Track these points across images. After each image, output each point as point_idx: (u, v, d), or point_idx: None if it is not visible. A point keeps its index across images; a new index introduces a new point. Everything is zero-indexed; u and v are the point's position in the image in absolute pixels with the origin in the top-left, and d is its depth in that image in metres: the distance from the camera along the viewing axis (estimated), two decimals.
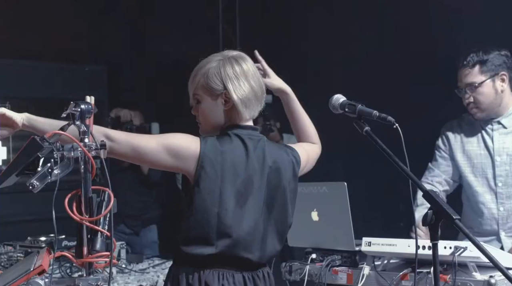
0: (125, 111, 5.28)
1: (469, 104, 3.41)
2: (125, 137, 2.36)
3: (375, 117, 2.32)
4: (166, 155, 2.35)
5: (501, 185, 3.41)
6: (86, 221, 2.08)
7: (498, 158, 3.42)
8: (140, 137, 2.40)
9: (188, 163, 2.36)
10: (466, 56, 3.40)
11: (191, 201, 2.37)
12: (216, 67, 2.43)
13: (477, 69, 3.37)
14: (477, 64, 3.36)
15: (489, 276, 2.76)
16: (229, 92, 2.42)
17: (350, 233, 3.13)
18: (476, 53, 3.38)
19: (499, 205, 3.41)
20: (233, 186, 2.38)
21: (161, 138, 2.40)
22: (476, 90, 3.36)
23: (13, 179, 2.09)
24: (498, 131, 3.43)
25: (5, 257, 3.96)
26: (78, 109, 2.08)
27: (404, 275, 2.93)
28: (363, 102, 2.40)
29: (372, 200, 6.23)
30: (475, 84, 3.36)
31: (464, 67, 3.39)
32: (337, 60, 5.68)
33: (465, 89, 3.40)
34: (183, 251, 2.40)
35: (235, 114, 2.45)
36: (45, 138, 2.04)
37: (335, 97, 2.45)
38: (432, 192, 2.17)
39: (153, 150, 2.34)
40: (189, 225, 2.38)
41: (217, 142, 2.39)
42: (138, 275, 4.03)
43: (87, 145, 2.08)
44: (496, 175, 3.41)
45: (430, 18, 5.22)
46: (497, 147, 3.42)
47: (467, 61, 3.38)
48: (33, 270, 2.05)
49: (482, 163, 3.45)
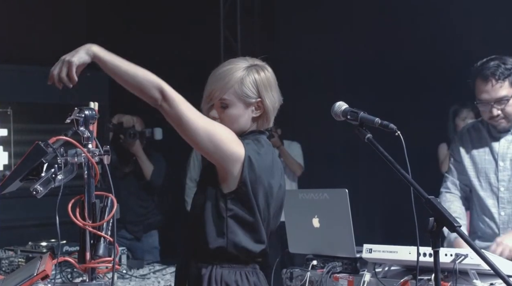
0: (127, 117, 5.29)
1: (496, 117, 3.36)
2: (178, 102, 2.30)
3: (377, 125, 2.32)
4: (208, 141, 2.34)
5: (503, 189, 3.42)
6: (89, 227, 2.09)
7: (502, 163, 3.43)
8: (193, 111, 2.34)
9: (230, 162, 2.38)
10: (492, 69, 3.31)
11: (246, 200, 2.41)
12: (251, 75, 2.46)
13: (508, 83, 3.31)
14: (507, 77, 3.31)
15: (490, 284, 2.77)
16: (263, 100, 2.48)
17: (351, 240, 3.14)
18: (502, 66, 3.31)
19: (501, 210, 3.43)
20: (265, 187, 2.45)
21: (211, 123, 2.39)
22: (508, 103, 3.33)
23: (17, 184, 2.10)
24: (506, 138, 3.44)
25: (6, 262, 3.96)
26: (82, 115, 2.10)
27: (405, 282, 2.93)
28: (364, 109, 2.41)
29: (373, 207, 6.24)
30: (506, 98, 3.32)
31: (493, 81, 3.31)
32: (340, 65, 5.68)
33: (494, 103, 3.33)
34: (247, 248, 2.43)
35: (263, 121, 2.52)
36: (49, 144, 2.06)
37: (337, 105, 2.46)
38: (433, 199, 2.18)
39: (198, 128, 2.32)
40: (247, 221, 2.42)
41: (255, 145, 2.45)
42: (139, 281, 4.03)
43: (90, 151, 2.09)
44: (499, 179, 3.43)
45: (434, 23, 5.22)
46: (501, 152, 3.44)
47: (498, 75, 3.30)
48: (36, 275, 2.06)
49: (486, 168, 3.47)
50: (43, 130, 5.37)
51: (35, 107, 5.56)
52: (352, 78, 5.83)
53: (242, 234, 2.43)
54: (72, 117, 2.10)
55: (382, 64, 5.63)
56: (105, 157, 2.10)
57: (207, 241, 2.42)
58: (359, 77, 5.81)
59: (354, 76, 5.84)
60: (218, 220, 2.42)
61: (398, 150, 2.29)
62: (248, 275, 2.47)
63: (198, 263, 2.47)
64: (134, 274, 4.16)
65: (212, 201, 2.42)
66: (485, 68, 3.35)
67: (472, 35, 4.75)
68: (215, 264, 2.45)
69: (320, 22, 6.10)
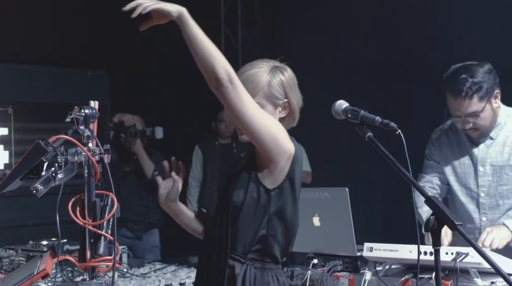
0: (128, 116, 5.30)
1: (469, 129, 3.34)
2: (241, 88, 2.32)
3: (378, 123, 2.32)
4: (265, 132, 2.37)
5: (483, 195, 3.40)
6: (90, 225, 2.08)
7: (481, 168, 3.40)
8: (252, 100, 2.36)
9: (282, 156, 2.41)
10: (459, 86, 3.26)
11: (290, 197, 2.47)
12: (277, 77, 2.50)
13: (476, 99, 3.26)
14: (475, 93, 3.25)
15: (491, 282, 2.77)
16: (289, 100, 2.52)
17: (352, 238, 3.14)
18: (469, 80, 3.24)
19: (482, 215, 3.40)
20: (300, 185, 2.55)
21: (268, 116, 2.43)
22: (479, 117, 3.30)
23: (17, 183, 2.10)
24: (484, 143, 3.41)
25: (7, 261, 3.96)
26: (83, 114, 2.10)
27: (406, 280, 2.93)
28: (365, 108, 2.40)
29: (373, 205, 6.24)
30: (477, 113, 3.28)
31: (461, 98, 3.26)
32: (340, 64, 5.68)
33: (465, 118, 3.31)
34: (281, 248, 2.48)
35: (289, 121, 2.58)
36: (49, 143, 2.06)
37: (338, 103, 2.46)
38: (434, 198, 2.17)
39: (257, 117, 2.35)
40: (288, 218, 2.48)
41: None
42: (140, 280, 4.03)
43: (91, 150, 2.09)
44: (479, 185, 3.40)
45: (434, 23, 5.22)
46: (481, 157, 3.40)
47: (465, 92, 3.24)
48: (36, 274, 2.06)
49: (465, 173, 3.44)
50: (43, 130, 5.37)
51: (36, 106, 5.57)
52: (352, 77, 5.83)
53: (280, 232, 2.48)
54: (72, 116, 2.10)
55: (382, 64, 5.62)
56: (106, 155, 2.10)
57: (246, 239, 2.44)
58: (359, 76, 5.81)
59: (355, 75, 5.84)
60: (260, 217, 2.44)
61: (398, 149, 2.28)
62: (278, 276, 2.51)
63: (232, 261, 2.47)
64: (134, 272, 4.16)
65: (254, 197, 2.44)
66: (454, 83, 3.29)
67: (472, 35, 4.75)
68: (249, 264, 2.46)
69: (320, 22, 6.10)
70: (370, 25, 5.77)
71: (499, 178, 3.37)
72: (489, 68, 3.33)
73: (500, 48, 4.66)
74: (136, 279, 4.04)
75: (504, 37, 4.75)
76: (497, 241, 3.13)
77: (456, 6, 5.09)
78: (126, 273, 4.08)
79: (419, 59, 5.36)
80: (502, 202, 3.37)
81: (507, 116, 3.40)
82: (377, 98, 5.26)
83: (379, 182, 5.93)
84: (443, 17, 5.19)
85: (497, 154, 3.38)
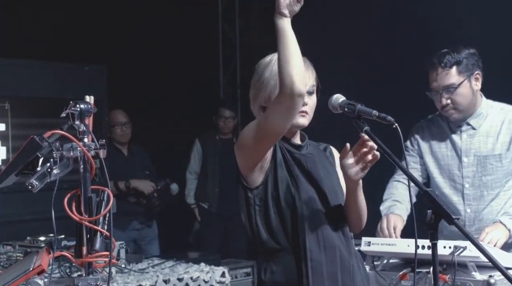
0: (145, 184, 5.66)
1: (446, 106, 3.33)
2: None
3: (375, 117, 2.31)
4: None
5: (468, 186, 3.38)
6: (86, 221, 2.08)
7: (466, 159, 3.38)
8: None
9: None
10: (440, 57, 3.31)
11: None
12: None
13: (455, 70, 3.29)
14: (454, 65, 3.28)
15: (489, 276, 2.77)
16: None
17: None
18: (450, 54, 3.29)
19: (466, 207, 3.38)
20: None
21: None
22: (455, 91, 3.30)
23: (13, 179, 2.09)
24: (467, 133, 3.39)
25: (4, 256, 3.95)
26: (78, 109, 2.09)
27: (404, 275, 2.93)
28: (361, 101, 2.40)
29: (371, 200, 6.22)
30: (454, 86, 3.29)
31: (440, 68, 3.30)
32: (337, 59, 5.67)
33: (442, 91, 3.32)
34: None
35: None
36: (44, 138, 2.05)
37: (335, 97, 2.45)
38: (431, 192, 2.17)
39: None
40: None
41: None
42: (138, 275, 4.03)
43: (86, 145, 2.08)
44: (464, 176, 3.39)
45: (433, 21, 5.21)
46: (464, 147, 3.39)
47: (444, 62, 3.28)
48: (32, 270, 2.05)
49: (449, 164, 3.42)
50: (41, 125, 5.35)
51: (33, 101, 5.54)
52: (350, 73, 5.82)
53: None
54: (67, 111, 2.09)
55: (380, 59, 5.62)
56: (101, 150, 2.09)
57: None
58: (356, 71, 5.80)
59: (352, 70, 5.83)
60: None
61: (395, 143, 2.28)
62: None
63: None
64: (132, 268, 4.16)
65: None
66: (435, 56, 3.34)
67: (472, 35, 4.73)
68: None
69: (318, 17, 6.09)
70: (369, 20, 5.76)
71: (483, 168, 3.35)
72: (474, 51, 3.36)
73: (500, 48, 4.66)
74: (134, 274, 4.04)
75: (504, 37, 4.75)
76: (495, 241, 3.12)
77: (457, 5, 5.09)
78: (124, 269, 4.08)
79: (417, 54, 5.35)
80: (486, 192, 3.36)
81: (489, 107, 3.41)
82: (374, 93, 5.25)
83: (376, 176, 5.93)
84: (443, 16, 5.18)
85: (481, 144, 3.37)
